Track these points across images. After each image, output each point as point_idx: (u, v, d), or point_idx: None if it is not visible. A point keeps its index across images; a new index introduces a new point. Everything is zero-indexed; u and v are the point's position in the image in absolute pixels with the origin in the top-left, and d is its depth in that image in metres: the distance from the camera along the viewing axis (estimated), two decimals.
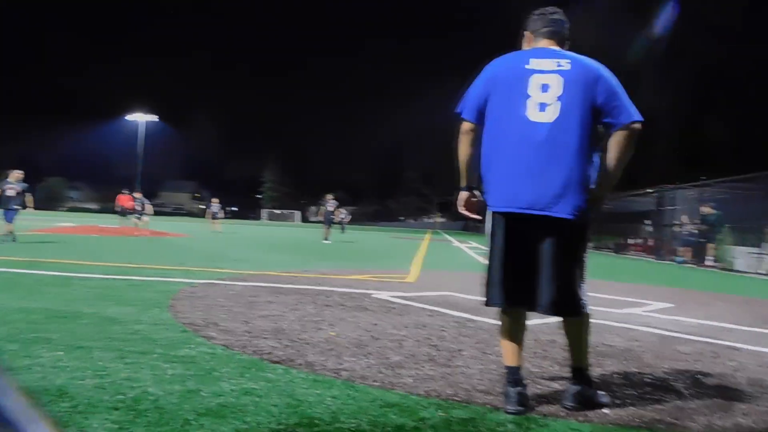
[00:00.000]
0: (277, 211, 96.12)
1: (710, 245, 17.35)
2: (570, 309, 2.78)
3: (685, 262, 18.33)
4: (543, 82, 2.70)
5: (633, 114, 2.67)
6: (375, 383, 2.98)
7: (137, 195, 22.43)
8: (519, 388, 2.70)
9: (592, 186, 2.74)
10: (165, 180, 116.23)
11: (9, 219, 12.63)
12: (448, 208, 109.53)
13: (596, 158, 2.76)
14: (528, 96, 2.71)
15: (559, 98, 2.67)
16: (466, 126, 2.89)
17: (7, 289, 5.44)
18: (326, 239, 20.23)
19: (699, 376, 3.52)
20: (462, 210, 3.03)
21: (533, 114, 2.69)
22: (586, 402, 2.76)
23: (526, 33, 2.99)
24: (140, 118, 62.52)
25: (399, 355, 3.62)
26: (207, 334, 3.93)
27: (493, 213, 2.81)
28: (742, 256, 15.91)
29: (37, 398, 2.42)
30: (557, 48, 2.84)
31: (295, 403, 2.59)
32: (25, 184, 13.63)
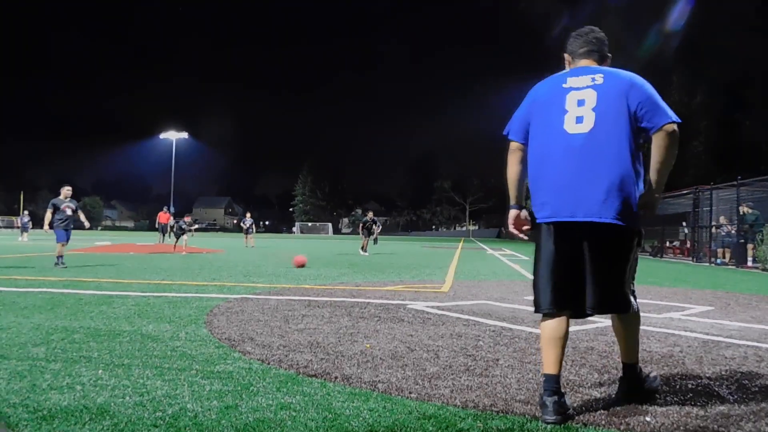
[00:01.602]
0: (310, 224, 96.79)
1: (750, 246, 16.91)
2: (617, 306, 2.84)
3: (724, 263, 17.88)
4: (579, 97, 2.84)
5: (669, 115, 2.72)
6: (412, 395, 2.96)
7: (187, 219, 22.61)
8: (556, 398, 2.68)
9: (641, 190, 2.80)
10: (198, 196, 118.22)
11: (64, 239, 11.68)
12: (480, 216, 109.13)
13: (640, 164, 2.82)
14: (566, 111, 2.85)
15: (594, 109, 2.79)
16: (513, 146, 3.06)
17: (49, 309, 5.58)
18: (364, 250, 20.44)
19: (744, 381, 3.41)
20: (512, 228, 3.12)
21: (570, 127, 2.82)
22: (638, 391, 2.93)
23: (566, 55, 3.12)
24: (172, 136, 63.93)
25: (435, 366, 3.60)
26: (243, 349, 3.97)
27: (541, 224, 2.92)
28: None
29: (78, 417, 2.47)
30: (594, 65, 2.98)
31: (332, 416, 2.59)
32: (76, 201, 12.64)
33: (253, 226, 27.83)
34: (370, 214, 22.28)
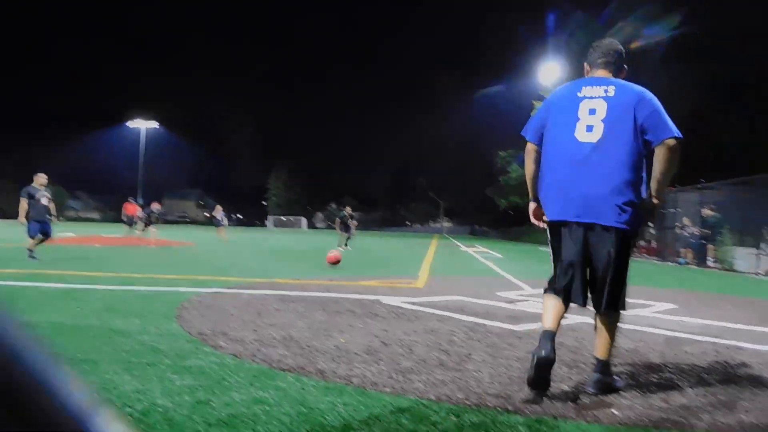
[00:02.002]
0: (284, 218, 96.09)
1: (711, 247, 17.41)
2: (612, 305, 3.09)
3: (687, 263, 18.33)
4: (591, 107, 3.07)
5: (671, 130, 2.94)
6: (386, 389, 2.97)
7: (157, 206, 22.11)
8: (551, 343, 2.91)
9: (644, 197, 3.04)
10: (169, 188, 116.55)
11: (40, 232, 10.81)
12: (454, 214, 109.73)
13: (644, 171, 3.05)
14: (578, 119, 3.09)
15: (603, 120, 3.03)
16: (529, 146, 3.31)
17: (9, 303, 5.44)
18: (346, 246, 20.44)
19: (704, 375, 3.54)
20: (533, 219, 3.42)
21: (581, 135, 3.06)
22: (605, 388, 3.05)
23: (585, 64, 3.37)
24: (141, 125, 62.68)
25: (410, 361, 3.61)
26: (216, 343, 3.93)
27: (549, 222, 3.21)
28: (742, 257, 15.95)
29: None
30: (609, 76, 3.21)
31: (307, 410, 2.58)
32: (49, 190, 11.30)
33: (225, 219, 27.53)
34: (348, 209, 22.18)
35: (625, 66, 3.30)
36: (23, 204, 10.86)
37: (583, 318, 5.12)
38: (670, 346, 4.47)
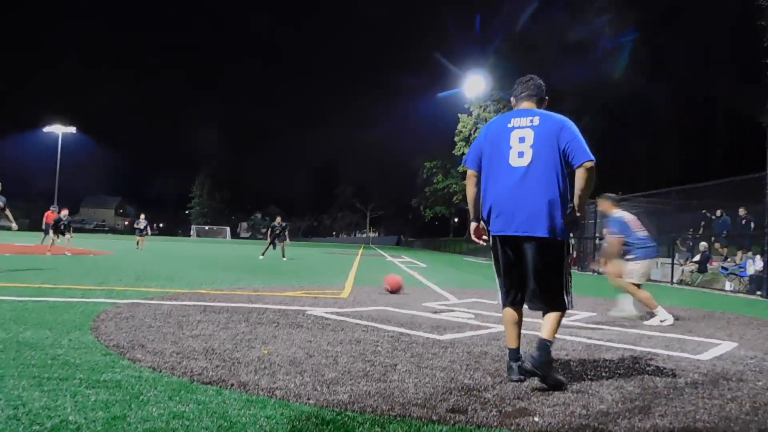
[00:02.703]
0: (206, 227, 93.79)
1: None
2: (555, 306, 3.57)
3: (605, 273, 19.08)
4: (520, 135, 3.54)
5: (587, 155, 3.42)
6: (310, 401, 2.94)
7: (65, 212, 21.11)
8: (519, 363, 3.50)
9: (568, 211, 3.49)
10: (86, 195, 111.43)
11: None
12: (380, 223, 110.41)
13: (567, 190, 3.50)
14: (510, 147, 3.56)
15: (531, 146, 3.49)
16: (470, 173, 3.77)
17: None
18: (284, 257, 20.31)
19: (621, 382, 3.68)
20: (474, 237, 3.84)
21: (514, 161, 3.53)
22: (541, 367, 3.34)
23: (512, 98, 3.86)
24: (58, 130, 59.89)
25: (334, 372, 3.60)
26: (133, 356, 3.78)
27: (492, 236, 3.66)
28: (657, 267, 16.76)
29: None
30: (533, 107, 3.70)
31: (228, 425, 2.52)
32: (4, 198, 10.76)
33: (148, 227, 26.59)
34: (278, 219, 22.01)
35: (546, 97, 3.78)
36: None
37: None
38: (590, 353, 4.64)
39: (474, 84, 40.35)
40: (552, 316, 3.56)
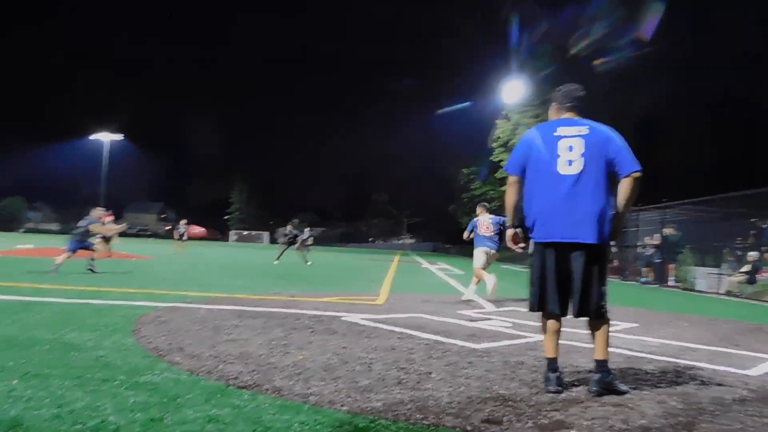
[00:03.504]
0: (245, 233, 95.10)
1: (671, 266, 17.74)
2: (595, 313, 3.58)
3: (648, 282, 18.65)
4: (569, 144, 3.60)
5: (634, 165, 3.52)
6: (343, 408, 2.94)
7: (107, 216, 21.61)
8: (557, 374, 3.53)
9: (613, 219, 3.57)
10: (130, 201, 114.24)
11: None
12: (417, 230, 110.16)
13: (613, 197, 3.58)
14: (558, 156, 3.60)
15: (582, 155, 3.56)
16: (511, 179, 3.80)
17: None
18: (306, 261, 20.44)
19: (662, 395, 3.57)
20: (510, 244, 3.99)
21: (563, 169, 3.58)
22: (607, 387, 3.47)
23: (553, 104, 3.89)
24: (105, 138, 61.65)
25: (368, 379, 3.59)
26: (171, 359, 3.84)
27: (536, 243, 3.69)
28: (702, 277, 16.28)
29: None
30: (577, 117, 3.75)
31: (262, 429, 2.54)
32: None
33: (186, 233, 27.05)
34: (289, 227, 22.13)
35: (585, 107, 3.83)
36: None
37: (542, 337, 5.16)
38: (630, 365, 4.51)
39: (512, 90, 39.97)
40: (600, 334, 3.60)
